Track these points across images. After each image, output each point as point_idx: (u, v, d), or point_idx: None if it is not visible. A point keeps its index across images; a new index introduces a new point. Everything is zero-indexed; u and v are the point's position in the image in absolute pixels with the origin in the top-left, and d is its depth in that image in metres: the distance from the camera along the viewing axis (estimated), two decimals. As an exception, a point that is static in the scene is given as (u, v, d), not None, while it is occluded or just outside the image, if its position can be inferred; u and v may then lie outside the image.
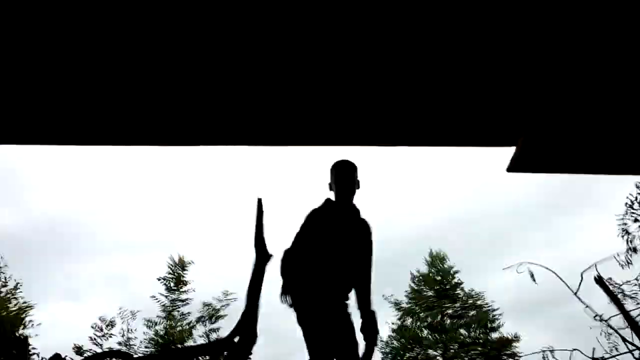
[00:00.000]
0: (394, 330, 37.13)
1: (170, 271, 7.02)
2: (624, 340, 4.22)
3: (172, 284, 6.96)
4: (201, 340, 6.49)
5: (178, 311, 6.85)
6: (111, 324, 6.17)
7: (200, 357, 6.03)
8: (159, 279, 7.03)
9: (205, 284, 8.02)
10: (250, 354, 5.91)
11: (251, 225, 6.19)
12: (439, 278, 36.26)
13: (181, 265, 7.04)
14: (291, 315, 2.96)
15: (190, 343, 6.45)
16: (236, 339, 5.81)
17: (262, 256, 6.15)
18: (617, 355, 4.38)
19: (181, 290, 6.93)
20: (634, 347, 4.11)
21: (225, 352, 6.05)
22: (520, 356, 29.77)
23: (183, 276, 6.96)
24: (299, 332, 2.37)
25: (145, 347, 6.46)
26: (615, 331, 4.32)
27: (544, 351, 4.72)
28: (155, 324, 6.78)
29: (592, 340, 4.46)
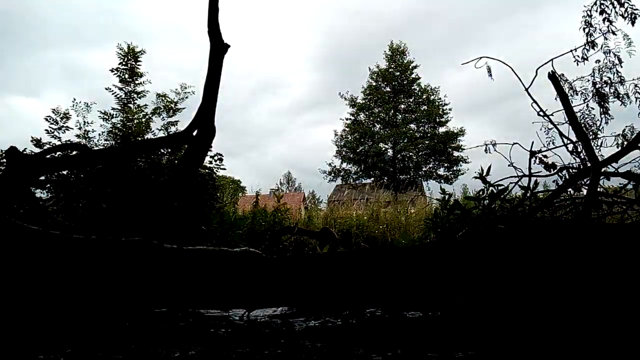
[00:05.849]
0: (347, 126, 39.25)
1: (123, 62, 6.48)
2: (561, 134, 4.51)
3: (126, 76, 6.48)
4: (160, 133, 6.43)
5: (134, 103, 6.54)
6: (66, 117, 5.73)
7: (161, 150, 6.07)
8: (111, 70, 6.49)
9: (160, 77, 7.61)
10: (210, 147, 6.09)
11: (204, 10, 5.84)
12: (397, 73, 37.76)
13: (133, 55, 6.51)
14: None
15: (149, 136, 6.37)
16: (194, 133, 5.90)
17: (218, 46, 5.96)
18: (553, 148, 4.62)
19: (136, 82, 6.52)
20: (568, 141, 4.48)
21: (185, 146, 6.16)
22: (464, 149, 33.36)
23: (137, 68, 6.49)
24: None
25: (105, 139, 6.23)
26: (555, 126, 5.00)
27: (486, 144, 4.73)
28: (112, 116, 6.45)
29: (534, 135, 4.70)
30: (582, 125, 4.65)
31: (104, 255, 2.69)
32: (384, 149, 35.10)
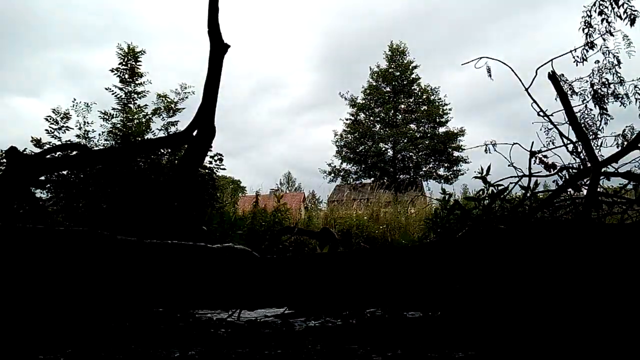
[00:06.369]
0: (347, 126, 39.37)
1: (122, 62, 6.49)
2: (561, 134, 4.49)
3: (126, 76, 6.50)
4: (160, 133, 6.43)
5: (134, 104, 6.55)
6: (66, 117, 5.75)
7: (161, 150, 6.07)
8: (111, 70, 6.50)
9: (160, 77, 7.65)
10: (210, 148, 6.08)
11: (204, 11, 5.84)
12: (397, 74, 37.94)
13: (133, 55, 6.51)
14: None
15: (149, 136, 6.37)
16: (194, 133, 5.90)
17: (218, 46, 5.96)
18: (553, 148, 4.61)
19: (136, 82, 6.54)
20: (568, 142, 4.47)
21: (185, 146, 6.16)
22: (464, 149, 33.37)
23: (137, 68, 6.50)
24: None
25: (105, 139, 6.24)
26: (555, 126, 5.00)
27: (486, 144, 4.71)
28: (112, 116, 6.47)
29: (534, 135, 4.68)
30: (582, 125, 4.65)
31: (35, 245, 2.48)
32: (384, 149, 35.10)
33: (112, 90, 6.65)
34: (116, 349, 2.34)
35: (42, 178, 5.09)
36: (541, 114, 4.73)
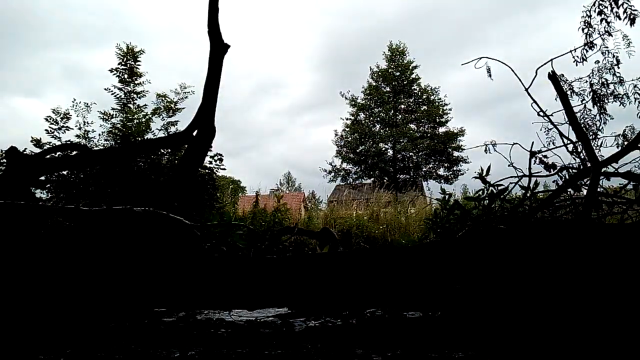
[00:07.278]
0: (347, 126, 39.14)
1: (122, 62, 6.50)
2: (561, 134, 4.70)
3: (125, 76, 6.51)
4: (160, 133, 6.44)
5: (134, 103, 6.55)
6: (66, 117, 5.76)
7: (161, 150, 6.07)
8: (110, 70, 6.51)
9: (160, 77, 7.66)
10: (210, 148, 6.09)
11: (204, 11, 5.84)
12: (397, 74, 37.68)
13: (132, 55, 6.52)
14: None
15: (149, 136, 6.37)
16: (194, 133, 5.90)
17: (218, 46, 5.96)
18: (553, 148, 4.56)
19: (135, 82, 6.55)
20: (568, 142, 4.43)
21: (186, 146, 6.16)
22: (464, 149, 33.23)
23: (136, 67, 6.51)
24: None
25: (105, 139, 6.24)
26: (555, 126, 5.00)
27: (486, 144, 4.67)
28: (112, 116, 6.47)
29: (534, 135, 4.65)
30: (582, 125, 4.65)
31: None
32: (384, 149, 35.12)
33: (112, 91, 6.65)
34: (116, 349, 2.34)
35: (42, 178, 5.09)
36: (541, 114, 4.72)
